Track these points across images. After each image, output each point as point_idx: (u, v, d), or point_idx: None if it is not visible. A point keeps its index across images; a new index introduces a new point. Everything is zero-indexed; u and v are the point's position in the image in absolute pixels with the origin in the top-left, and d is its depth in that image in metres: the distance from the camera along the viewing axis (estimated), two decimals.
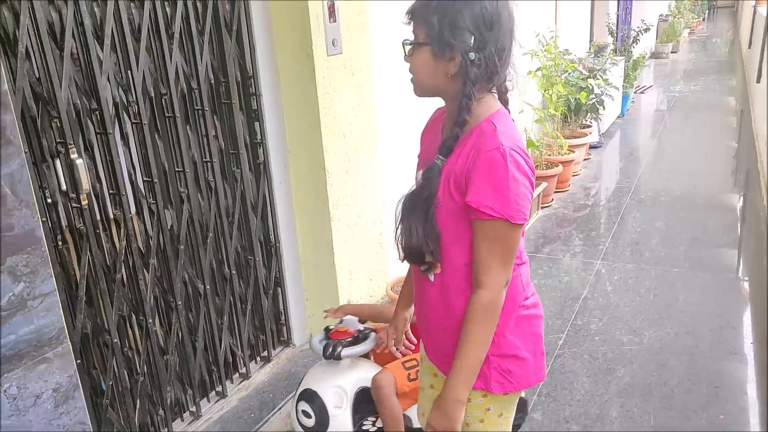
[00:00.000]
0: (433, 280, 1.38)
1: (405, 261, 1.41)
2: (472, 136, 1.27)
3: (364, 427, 2.12)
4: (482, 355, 1.31)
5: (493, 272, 1.27)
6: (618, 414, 2.47)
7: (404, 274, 1.65)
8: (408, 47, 1.31)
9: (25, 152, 1.63)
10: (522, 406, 1.98)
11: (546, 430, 2.40)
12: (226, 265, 2.54)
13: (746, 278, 3.62)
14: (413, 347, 1.82)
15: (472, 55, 1.25)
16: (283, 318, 2.92)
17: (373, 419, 2.14)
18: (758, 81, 6.92)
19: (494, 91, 1.34)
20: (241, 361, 2.70)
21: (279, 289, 2.86)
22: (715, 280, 3.60)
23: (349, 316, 2.18)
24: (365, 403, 2.11)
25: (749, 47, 9.72)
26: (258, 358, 2.82)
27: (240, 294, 2.64)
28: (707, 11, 22.95)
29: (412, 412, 2.02)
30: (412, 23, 1.30)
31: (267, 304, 2.78)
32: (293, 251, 2.88)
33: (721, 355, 2.83)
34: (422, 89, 1.34)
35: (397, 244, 1.39)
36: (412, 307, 1.64)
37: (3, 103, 1.43)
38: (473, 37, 1.24)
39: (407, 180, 1.44)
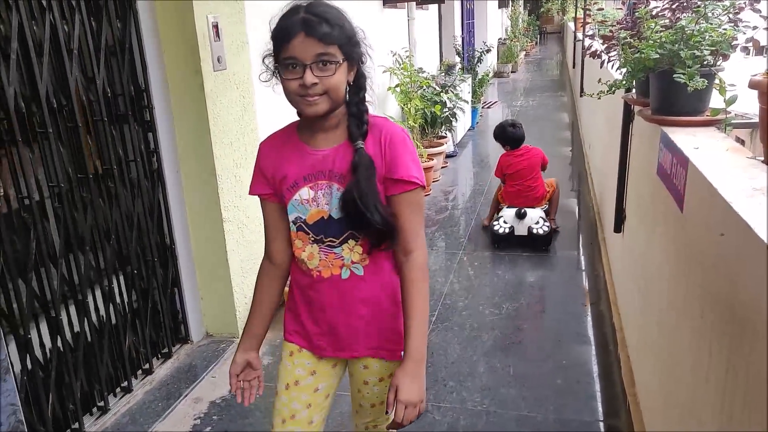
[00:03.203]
0: (363, 273, 1.46)
1: (374, 250, 1.46)
2: (370, 130, 1.41)
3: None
4: (428, 309, 1.46)
5: (421, 235, 1.46)
6: (485, 369, 2.93)
7: None
8: (325, 66, 1.30)
9: None
10: None
11: (426, 388, 2.80)
12: (129, 266, 2.68)
13: (583, 257, 4.32)
14: None
15: (364, 60, 1.40)
16: (180, 316, 3.08)
17: None
18: (581, 96, 8.04)
19: None
20: (144, 357, 2.83)
21: (176, 289, 3.03)
22: (558, 260, 4.26)
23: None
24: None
25: (573, 67, 11.13)
26: (159, 355, 2.96)
27: (141, 294, 2.78)
28: (538, 36, 25.51)
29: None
30: (315, 41, 1.27)
31: (165, 303, 2.94)
32: (188, 252, 3.06)
33: (562, 316, 3.41)
34: (333, 104, 1.36)
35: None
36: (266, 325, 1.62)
37: None
38: (359, 46, 1.38)
39: None
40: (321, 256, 1.47)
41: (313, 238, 1.47)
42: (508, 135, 4.58)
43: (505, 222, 4.38)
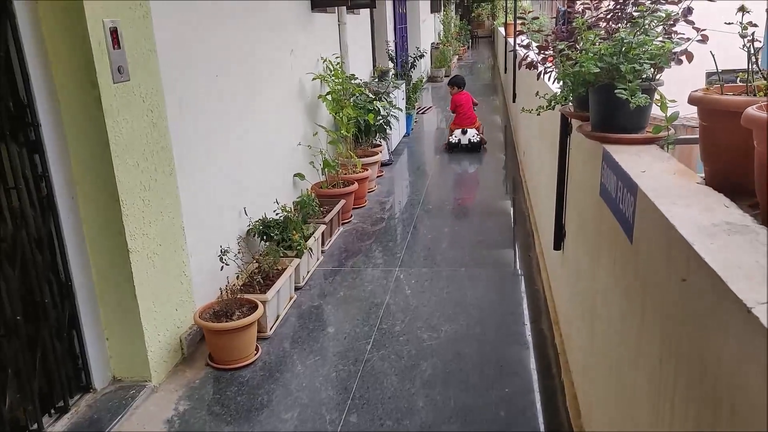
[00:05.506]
0: None
1: None
2: None
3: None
4: None
5: None
6: (424, 404, 2.71)
7: (212, 299, 1.29)
8: None
9: None
10: None
11: (362, 431, 2.55)
12: (10, 310, 2.31)
13: (521, 271, 4.18)
14: None
15: None
16: (80, 362, 2.71)
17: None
18: (514, 101, 8.01)
19: None
20: (32, 416, 2.45)
21: (74, 331, 2.67)
22: (496, 275, 4.10)
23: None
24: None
25: (505, 72, 11.16)
26: (52, 411, 2.58)
27: (28, 342, 2.41)
28: (470, 40, 25.79)
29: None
30: None
31: (60, 349, 2.58)
32: (89, 289, 2.70)
33: (504, 339, 3.24)
34: None
35: None
36: None
37: None
38: None
39: (208, 203, 1.38)
40: None
41: None
42: (459, 81, 8.08)
43: (455, 137, 7.56)
